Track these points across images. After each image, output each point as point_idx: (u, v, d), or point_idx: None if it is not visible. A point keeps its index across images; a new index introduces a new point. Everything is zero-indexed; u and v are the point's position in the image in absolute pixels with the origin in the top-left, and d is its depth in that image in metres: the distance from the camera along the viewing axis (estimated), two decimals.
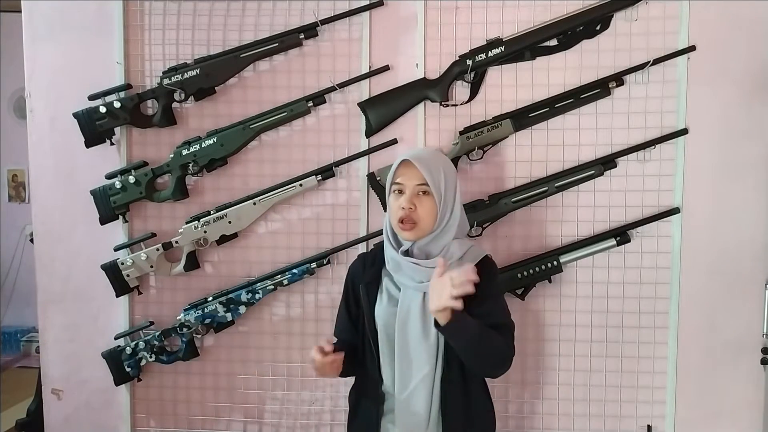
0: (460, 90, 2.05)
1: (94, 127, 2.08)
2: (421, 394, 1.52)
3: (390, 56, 2.06)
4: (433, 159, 1.58)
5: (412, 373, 1.53)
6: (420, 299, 1.52)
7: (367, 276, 1.62)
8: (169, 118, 2.09)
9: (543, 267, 2.00)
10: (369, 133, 2.07)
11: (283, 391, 2.17)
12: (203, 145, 2.06)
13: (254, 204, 2.06)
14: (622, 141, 2.02)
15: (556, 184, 2.00)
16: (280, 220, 2.13)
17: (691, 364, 2.04)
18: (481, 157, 2.03)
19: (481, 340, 1.43)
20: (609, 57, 2.00)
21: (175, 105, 2.10)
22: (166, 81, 2.05)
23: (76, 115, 2.08)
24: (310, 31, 2.05)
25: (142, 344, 2.12)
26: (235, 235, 2.09)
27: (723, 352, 2.04)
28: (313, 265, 2.07)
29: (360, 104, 2.06)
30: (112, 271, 2.10)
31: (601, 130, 2.02)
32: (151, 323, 2.14)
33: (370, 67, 2.06)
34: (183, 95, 2.07)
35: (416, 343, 1.52)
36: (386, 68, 2.05)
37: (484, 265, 1.55)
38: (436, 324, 1.42)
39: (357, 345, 1.66)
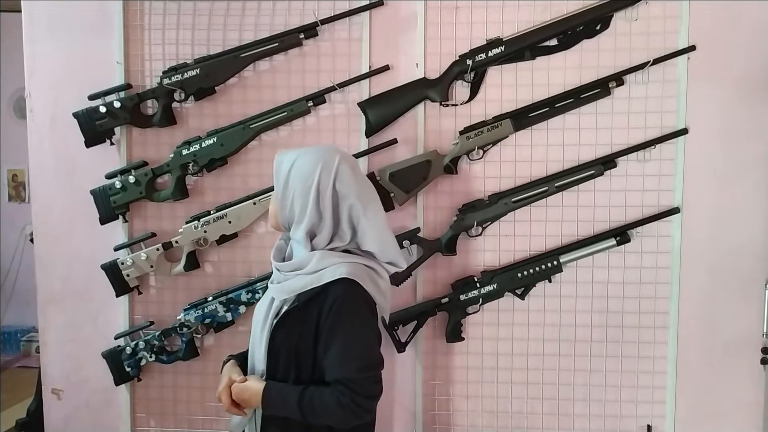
0: (460, 90, 2.05)
1: (94, 127, 2.08)
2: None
3: (390, 56, 2.06)
4: (292, 152, 1.48)
5: (255, 368, 1.51)
6: (267, 301, 1.49)
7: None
8: (169, 118, 2.09)
9: (543, 267, 2.00)
10: (369, 133, 2.07)
11: None
12: (203, 144, 2.06)
13: (254, 204, 2.06)
14: (622, 141, 2.02)
15: (556, 184, 2.00)
16: None
17: (691, 364, 2.04)
18: (481, 157, 2.03)
19: (304, 415, 1.38)
20: (609, 57, 2.00)
21: (175, 105, 2.10)
22: (166, 81, 2.05)
23: (76, 115, 2.08)
24: (310, 31, 2.05)
25: (142, 344, 2.12)
26: (235, 235, 2.09)
27: (723, 352, 2.04)
28: None
29: (360, 104, 2.06)
30: (112, 271, 2.10)
31: (601, 130, 2.02)
32: (151, 323, 2.14)
33: (370, 67, 2.06)
34: (183, 95, 2.07)
35: (256, 343, 1.51)
36: (386, 68, 2.05)
37: (332, 292, 1.40)
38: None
39: None
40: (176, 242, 2.09)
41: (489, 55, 1.99)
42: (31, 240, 2.30)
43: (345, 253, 1.46)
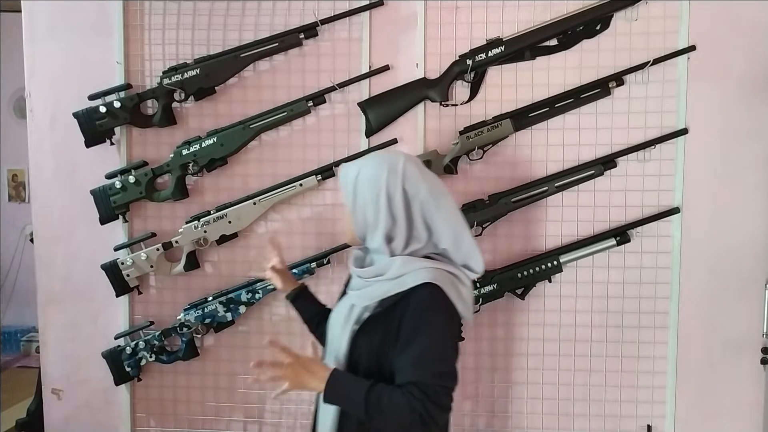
0: (460, 90, 2.05)
1: (94, 127, 2.08)
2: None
3: (390, 56, 2.06)
4: (354, 163, 1.47)
5: None
6: (347, 307, 1.46)
7: (348, 278, 1.59)
8: (169, 118, 2.09)
9: (543, 267, 2.00)
10: (369, 133, 2.07)
11: None
12: (203, 144, 2.06)
13: (254, 204, 2.06)
14: (622, 141, 2.02)
15: (556, 184, 2.00)
16: (280, 220, 2.13)
17: (691, 364, 2.04)
18: (481, 157, 2.03)
19: (367, 412, 1.30)
20: (609, 57, 2.00)
21: (175, 105, 2.10)
22: (166, 81, 2.05)
23: (76, 115, 2.08)
24: (310, 30, 2.05)
25: (142, 344, 2.12)
26: (235, 235, 2.09)
27: (723, 352, 2.04)
28: (313, 265, 2.07)
29: (360, 104, 2.06)
30: (112, 271, 2.10)
31: (601, 130, 2.02)
32: (151, 323, 2.15)
33: (370, 67, 2.06)
34: (183, 95, 2.07)
35: (333, 348, 1.47)
36: (386, 68, 2.05)
37: (413, 298, 1.36)
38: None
39: None
40: (176, 242, 2.09)
41: (489, 55, 1.99)
42: (31, 240, 2.30)
43: (426, 259, 1.42)
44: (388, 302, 1.39)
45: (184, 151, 2.06)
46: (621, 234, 2.00)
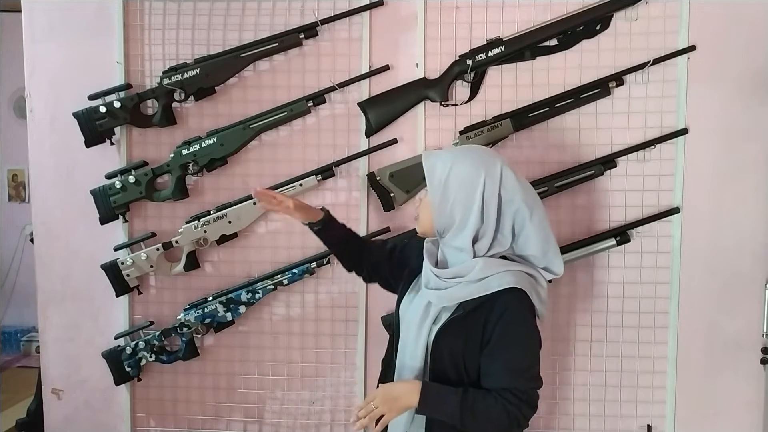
0: (460, 90, 2.05)
1: (94, 127, 2.08)
2: None
3: (390, 56, 2.06)
4: (445, 155, 1.46)
5: (403, 374, 1.48)
6: (423, 304, 1.46)
7: (414, 262, 1.56)
8: (169, 118, 2.09)
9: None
10: (369, 133, 2.07)
11: (283, 391, 2.17)
12: (203, 144, 2.06)
13: (254, 204, 2.06)
14: (622, 141, 2.02)
15: (556, 184, 2.00)
16: (280, 219, 2.13)
17: (691, 364, 2.04)
18: None
19: (462, 419, 1.34)
20: (609, 57, 2.00)
21: (175, 105, 2.10)
22: (166, 81, 2.05)
23: (76, 115, 2.08)
24: (310, 30, 2.05)
25: (142, 344, 2.12)
26: (235, 235, 2.09)
27: (723, 352, 2.04)
28: (313, 264, 2.07)
29: (360, 104, 2.06)
30: (112, 270, 2.10)
31: (601, 130, 2.02)
32: (151, 323, 2.15)
33: (370, 67, 2.06)
34: (183, 95, 2.07)
35: (409, 345, 1.47)
36: (386, 68, 2.05)
37: (500, 302, 1.37)
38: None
39: (366, 254, 1.72)
40: (176, 242, 2.09)
41: (489, 55, 1.99)
42: (31, 240, 2.30)
43: (506, 261, 1.43)
44: (470, 305, 1.39)
45: (184, 151, 2.06)
46: (621, 234, 2.00)
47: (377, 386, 1.52)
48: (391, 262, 1.69)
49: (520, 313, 1.39)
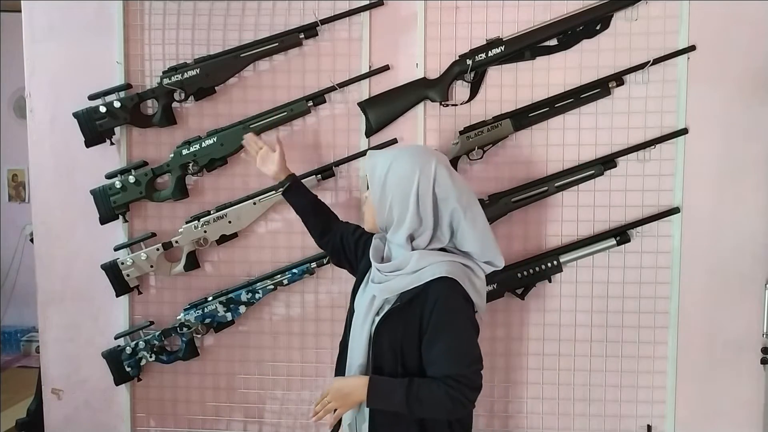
0: (460, 90, 2.05)
1: (94, 127, 2.08)
2: None
3: (390, 56, 2.06)
4: (385, 155, 1.52)
5: (352, 360, 1.54)
6: (369, 298, 1.52)
7: (366, 256, 1.62)
8: (169, 118, 2.09)
9: (543, 267, 2.00)
10: (369, 133, 2.07)
11: (283, 391, 2.17)
12: (203, 144, 2.06)
13: (254, 204, 2.06)
14: (622, 141, 2.02)
15: (556, 184, 2.00)
16: (280, 219, 2.13)
17: (691, 364, 2.04)
18: (481, 157, 2.03)
19: (410, 408, 1.41)
20: (609, 57, 2.00)
21: (175, 105, 2.10)
22: (166, 81, 2.05)
23: (76, 115, 2.08)
24: (310, 30, 2.05)
25: (142, 344, 2.12)
26: (235, 235, 2.09)
27: (723, 352, 2.04)
28: (313, 264, 2.07)
29: (360, 104, 2.06)
30: (112, 270, 2.10)
31: (601, 130, 2.02)
32: (151, 323, 2.14)
33: (370, 67, 2.06)
34: (183, 95, 2.07)
35: (356, 335, 1.54)
36: (386, 68, 2.05)
37: (433, 291, 1.44)
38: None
39: (334, 227, 1.83)
40: (176, 242, 2.09)
41: (489, 55, 1.99)
42: (31, 240, 2.30)
43: (443, 252, 1.49)
44: (407, 296, 1.46)
45: (184, 151, 2.06)
46: (621, 234, 2.00)
47: (335, 367, 1.62)
48: (357, 242, 1.75)
49: (453, 301, 1.44)
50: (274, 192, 2.04)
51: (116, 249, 2.12)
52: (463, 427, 1.53)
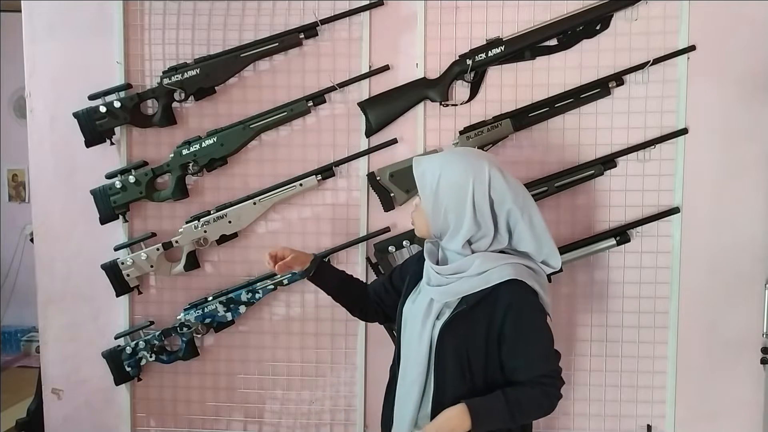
0: (460, 90, 2.05)
1: (94, 127, 2.08)
2: (412, 394, 1.47)
3: (390, 56, 2.06)
4: (433, 161, 1.49)
5: (407, 371, 1.51)
6: (426, 302, 1.49)
7: (414, 268, 1.61)
8: (169, 118, 2.09)
9: None
10: (369, 133, 2.07)
11: (283, 391, 2.17)
12: (203, 144, 2.06)
13: (254, 204, 2.06)
14: (622, 141, 2.02)
15: (556, 184, 2.00)
16: (280, 219, 2.13)
17: (691, 364, 2.04)
18: None
19: (513, 417, 1.40)
20: (609, 57, 2.00)
21: (175, 105, 2.10)
22: (166, 81, 2.05)
23: (76, 115, 2.08)
24: (310, 30, 2.05)
25: (142, 344, 2.12)
26: (235, 235, 2.09)
27: (723, 352, 2.04)
28: None
29: (360, 104, 2.06)
30: (112, 270, 2.10)
31: (601, 130, 2.02)
32: (151, 323, 2.15)
33: (370, 67, 2.06)
34: (183, 95, 2.07)
35: (413, 343, 1.49)
36: (386, 68, 2.05)
37: (503, 294, 1.41)
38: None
39: (368, 294, 1.73)
40: (176, 242, 2.09)
41: (489, 55, 1.99)
42: (31, 240, 2.30)
43: (504, 254, 1.48)
44: (473, 299, 1.43)
45: (184, 151, 2.06)
46: (621, 234, 2.00)
47: (384, 398, 1.58)
48: (392, 286, 1.71)
49: (526, 302, 1.44)
50: (273, 193, 2.05)
51: (116, 249, 2.12)
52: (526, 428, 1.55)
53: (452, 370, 1.44)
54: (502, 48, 1.99)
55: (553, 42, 2.01)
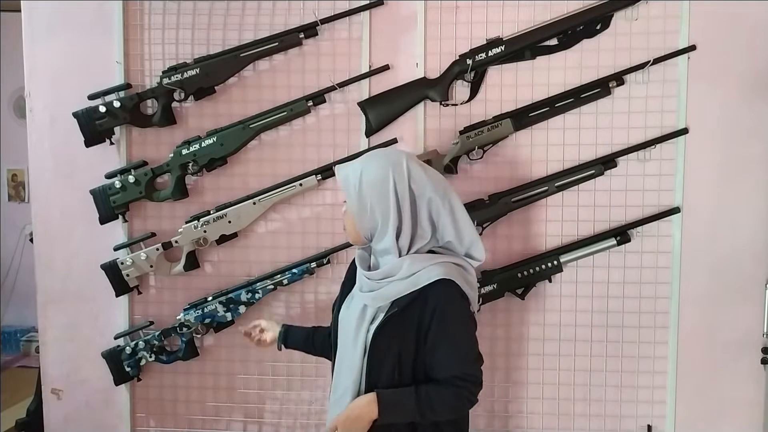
0: (460, 89, 2.05)
1: (94, 127, 2.08)
2: (345, 401, 1.48)
3: (390, 56, 2.06)
4: (353, 164, 1.51)
5: (341, 379, 1.52)
6: (359, 308, 1.50)
7: (347, 275, 1.64)
8: (169, 118, 2.09)
9: (543, 266, 2.00)
10: (369, 133, 2.07)
11: (283, 391, 2.17)
12: (203, 144, 2.06)
13: (254, 204, 2.06)
14: (623, 140, 2.01)
15: (557, 184, 2.00)
16: (280, 219, 2.13)
17: (691, 364, 2.04)
18: (481, 157, 2.03)
19: (422, 412, 1.41)
20: (609, 56, 2.00)
21: (174, 104, 2.09)
22: (165, 80, 2.05)
23: (75, 115, 2.08)
24: (310, 30, 2.05)
25: (141, 344, 2.12)
26: (235, 235, 2.09)
27: (723, 352, 2.04)
28: (313, 264, 2.07)
29: (360, 104, 2.06)
30: (112, 270, 2.10)
31: (601, 130, 2.02)
32: (151, 323, 2.14)
33: (370, 67, 2.06)
34: (183, 95, 2.07)
35: (347, 349, 1.51)
36: (386, 68, 2.05)
37: (432, 294, 1.43)
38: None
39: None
40: (176, 242, 2.09)
41: (489, 54, 1.99)
42: (31, 240, 2.30)
43: (432, 254, 1.49)
44: (404, 302, 1.44)
45: (184, 151, 2.06)
46: (621, 234, 2.00)
47: (329, 399, 1.59)
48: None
49: (453, 302, 1.45)
50: (273, 193, 2.05)
51: (116, 249, 2.12)
52: (458, 428, 1.53)
53: (386, 373, 1.45)
54: (503, 48, 1.99)
55: (554, 42, 2.01)
